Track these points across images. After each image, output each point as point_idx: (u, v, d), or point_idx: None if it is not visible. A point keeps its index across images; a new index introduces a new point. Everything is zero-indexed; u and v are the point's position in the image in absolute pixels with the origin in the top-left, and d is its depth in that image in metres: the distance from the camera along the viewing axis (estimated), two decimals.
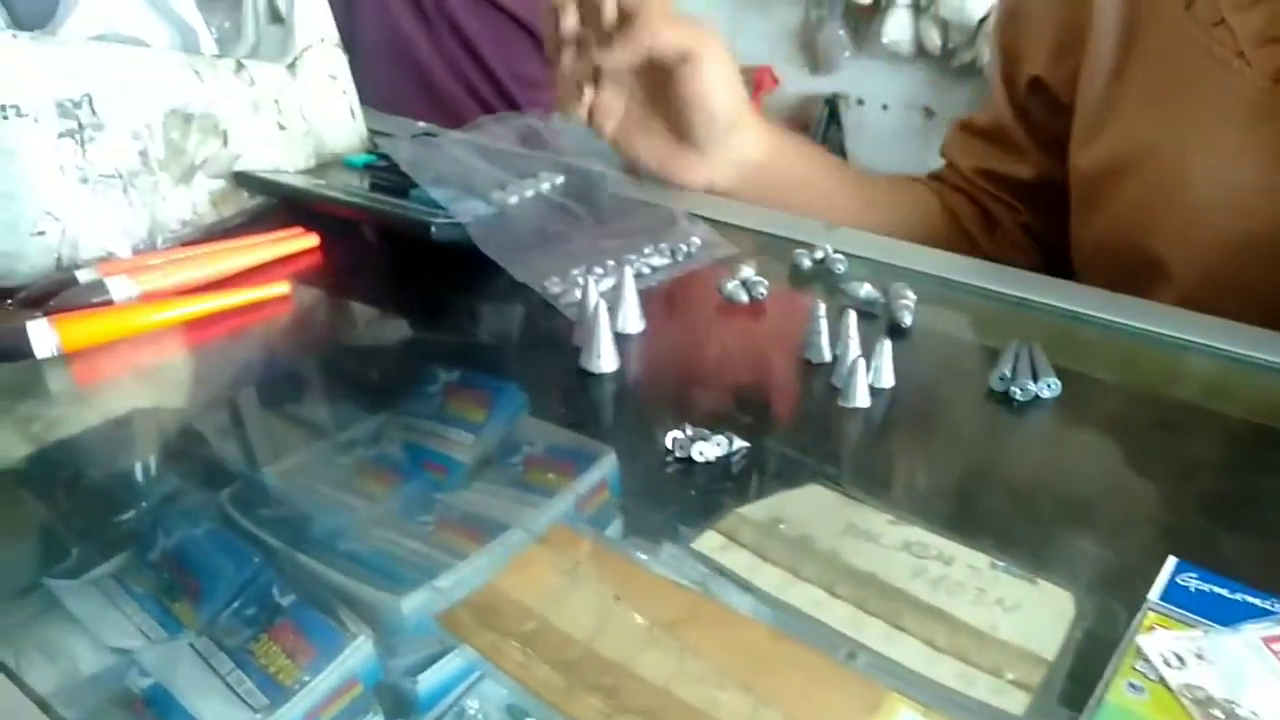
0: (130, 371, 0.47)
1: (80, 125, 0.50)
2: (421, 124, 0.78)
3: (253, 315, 0.50)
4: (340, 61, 0.66)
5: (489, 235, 0.53)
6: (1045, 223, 0.69)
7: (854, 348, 0.43)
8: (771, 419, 0.44)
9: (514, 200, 0.57)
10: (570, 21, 0.58)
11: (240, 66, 0.59)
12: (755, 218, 0.60)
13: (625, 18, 0.56)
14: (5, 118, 0.48)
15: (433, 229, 0.51)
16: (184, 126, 0.55)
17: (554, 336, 0.47)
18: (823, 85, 2.47)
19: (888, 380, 0.43)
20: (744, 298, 0.50)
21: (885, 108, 2.42)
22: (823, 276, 0.53)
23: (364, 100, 0.69)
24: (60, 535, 0.37)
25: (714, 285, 0.51)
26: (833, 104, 2.44)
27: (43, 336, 0.44)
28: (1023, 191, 0.69)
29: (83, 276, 0.49)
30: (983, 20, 1.99)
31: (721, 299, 0.51)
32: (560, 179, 0.61)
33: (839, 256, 0.54)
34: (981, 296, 0.52)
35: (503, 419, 0.46)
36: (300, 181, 0.60)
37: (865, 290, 0.50)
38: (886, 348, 0.43)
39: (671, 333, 0.49)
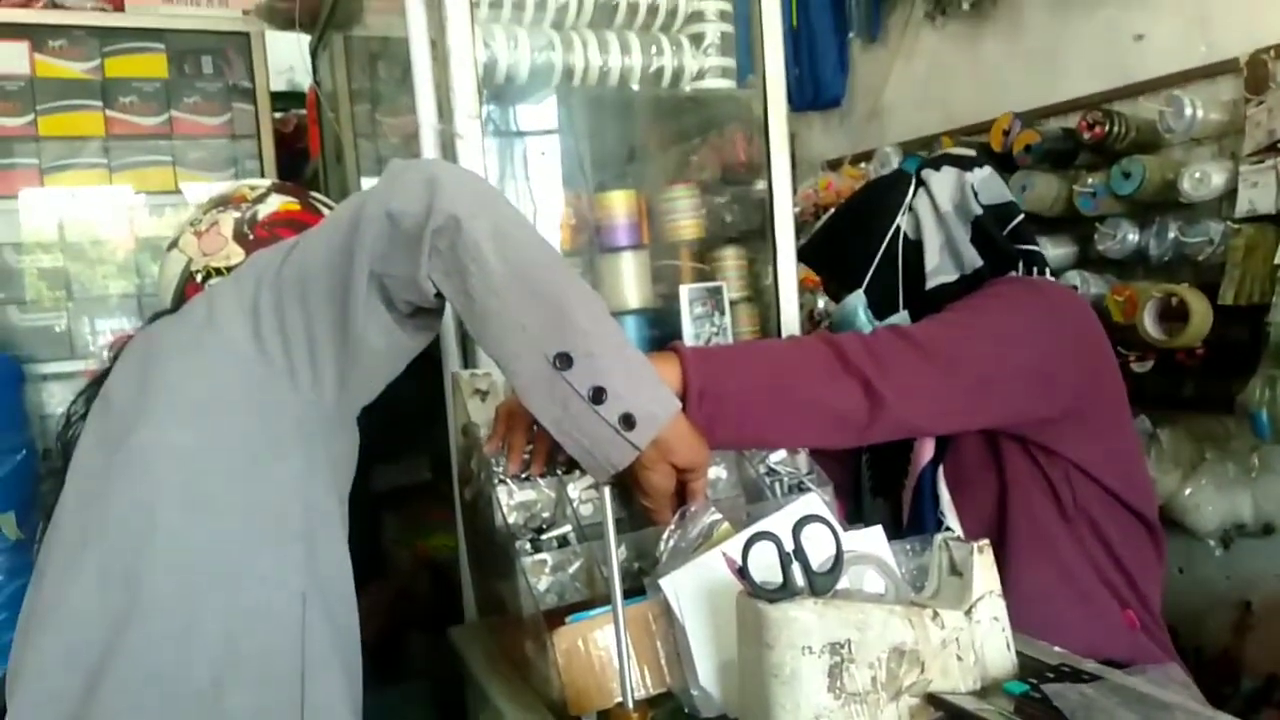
0: None
1: (842, 660, 0.77)
2: (1057, 649, 0.94)
3: None
4: (1001, 608, 0.87)
5: None
6: None
7: None
8: None
9: None
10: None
11: (936, 614, 0.82)
12: None
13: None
14: (803, 655, 0.76)
15: None
16: (899, 659, 0.79)
17: None
18: None
19: None
20: None
21: None
22: None
23: (1005, 591, 0.87)
24: None
25: None
26: None
27: None
28: None
29: None
30: None
31: None
32: None
33: None
34: None
35: None
36: (973, 705, 0.79)
37: None
38: None
39: None
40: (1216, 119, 1.89)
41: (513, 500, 1.00)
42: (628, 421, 0.85)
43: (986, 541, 0.88)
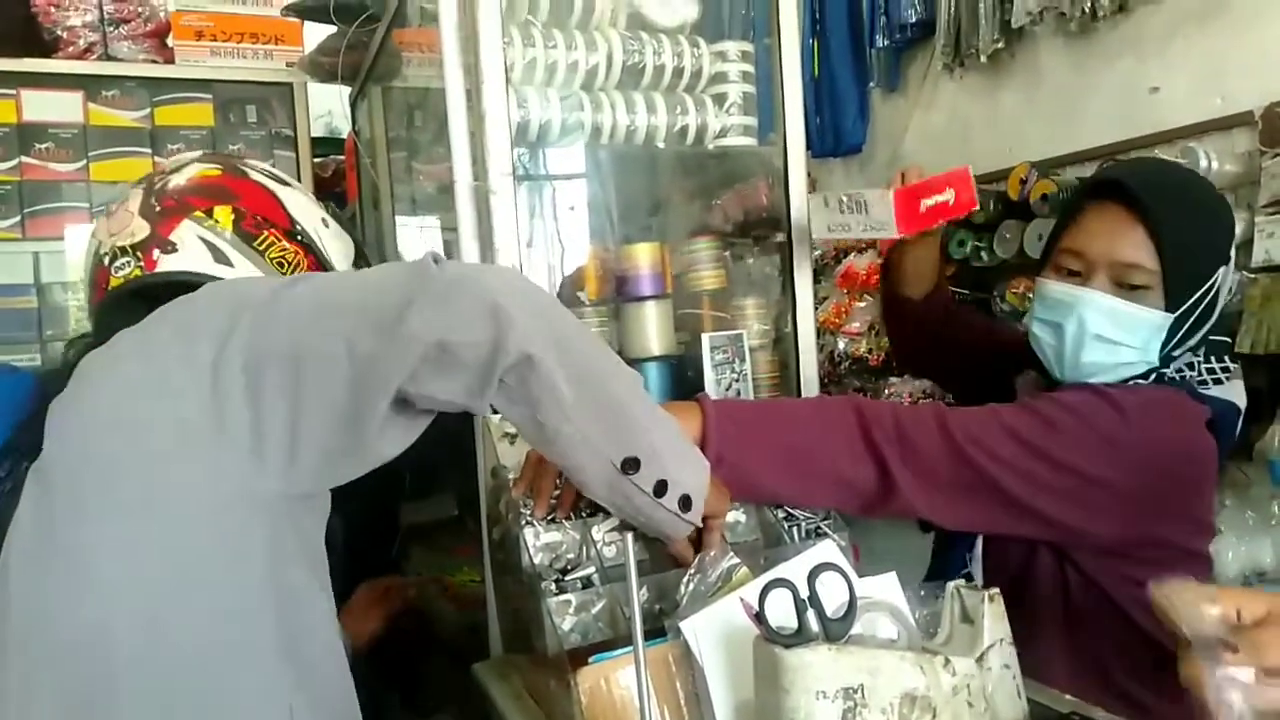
0: None
1: (854, 704, 0.80)
2: (1068, 697, 0.97)
3: None
4: (1012, 656, 0.89)
5: None
6: None
7: None
8: None
9: None
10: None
11: (947, 661, 0.85)
12: None
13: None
14: (817, 699, 0.79)
15: None
16: (911, 704, 0.82)
17: None
18: None
19: None
20: None
21: None
22: None
23: None
24: None
25: None
26: None
27: None
28: None
29: None
30: None
31: None
32: None
33: None
34: None
35: None
36: None
37: None
38: None
39: None
40: (1232, 170, 1.92)
41: (539, 541, 1.04)
42: (685, 504, 0.91)
43: (997, 590, 0.91)
